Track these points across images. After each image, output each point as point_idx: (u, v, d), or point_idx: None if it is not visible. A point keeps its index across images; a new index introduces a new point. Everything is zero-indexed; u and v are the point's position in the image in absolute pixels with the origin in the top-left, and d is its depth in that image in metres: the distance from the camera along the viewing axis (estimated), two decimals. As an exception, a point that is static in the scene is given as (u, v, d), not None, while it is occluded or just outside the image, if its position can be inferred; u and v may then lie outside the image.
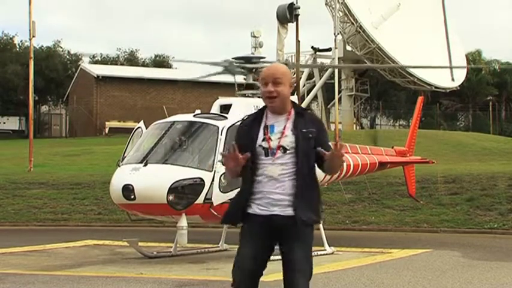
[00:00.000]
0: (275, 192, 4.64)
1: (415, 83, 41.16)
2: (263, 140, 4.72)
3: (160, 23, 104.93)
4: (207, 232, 14.78)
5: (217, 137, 10.84)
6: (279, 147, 4.68)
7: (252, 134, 4.74)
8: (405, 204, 17.29)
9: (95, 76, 46.55)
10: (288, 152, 4.67)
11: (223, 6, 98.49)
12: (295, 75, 32.91)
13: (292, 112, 4.77)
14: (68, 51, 56.96)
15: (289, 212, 4.64)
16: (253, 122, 4.81)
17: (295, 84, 4.83)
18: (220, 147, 10.70)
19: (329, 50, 40.05)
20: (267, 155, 4.69)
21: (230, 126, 10.87)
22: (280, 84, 4.70)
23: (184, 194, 10.63)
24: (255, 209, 4.68)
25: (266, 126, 4.77)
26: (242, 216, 4.72)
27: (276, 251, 4.75)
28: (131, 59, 59.23)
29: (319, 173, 4.79)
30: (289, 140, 4.69)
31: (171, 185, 10.41)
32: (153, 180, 10.43)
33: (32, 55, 24.07)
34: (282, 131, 4.72)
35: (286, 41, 24.28)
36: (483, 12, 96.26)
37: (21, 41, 53.80)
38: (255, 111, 4.98)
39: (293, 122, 4.74)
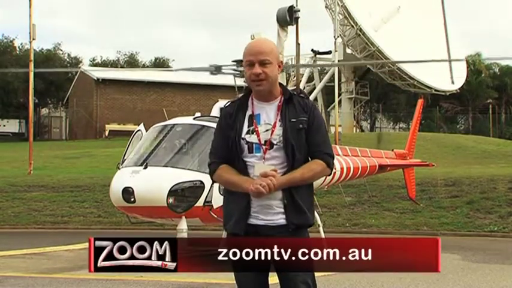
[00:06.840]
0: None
1: (415, 85, 41.17)
2: (247, 132, 3.92)
3: (161, 25, 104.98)
4: (207, 235, 14.77)
5: (217, 139, 10.81)
6: (269, 142, 3.88)
7: (237, 124, 3.95)
8: (405, 207, 17.29)
9: (95, 79, 46.54)
10: (275, 147, 3.88)
11: (223, 9, 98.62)
12: (295, 78, 33.03)
13: (282, 99, 3.96)
14: (68, 54, 57.21)
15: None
16: (237, 110, 4.01)
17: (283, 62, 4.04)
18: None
19: (329, 52, 40.06)
20: (251, 151, 3.90)
21: (230, 129, 10.84)
22: (268, 64, 3.87)
23: (184, 196, 10.62)
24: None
25: (252, 116, 3.94)
26: None
27: None
28: (131, 62, 59.26)
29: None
30: (276, 133, 3.90)
31: (171, 188, 10.39)
32: (153, 183, 10.42)
33: (32, 58, 24.10)
34: (272, 123, 3.91)
35: (286, 43, 24.14)
36: (484, 15, 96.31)
37: (21, 44, 53.96)
38: (238, 96, 4.16)
39: (281, 111, 3.92)
